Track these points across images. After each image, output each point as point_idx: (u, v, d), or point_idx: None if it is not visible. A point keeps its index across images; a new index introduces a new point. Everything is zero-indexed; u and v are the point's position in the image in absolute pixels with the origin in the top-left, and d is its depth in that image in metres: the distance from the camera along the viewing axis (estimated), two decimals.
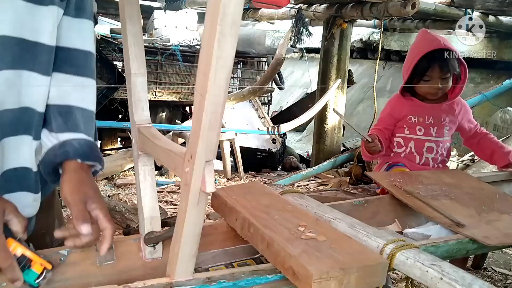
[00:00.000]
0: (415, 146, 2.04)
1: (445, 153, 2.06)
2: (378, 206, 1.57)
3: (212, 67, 0.68)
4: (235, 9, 0.66)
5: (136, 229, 1.14)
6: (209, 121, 0.73)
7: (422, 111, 2.03)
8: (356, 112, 7.88)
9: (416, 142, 2.04)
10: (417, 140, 2.03)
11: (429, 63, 1.95)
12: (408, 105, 2.06)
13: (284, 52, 5.34)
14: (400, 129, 2.08)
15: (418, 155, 2.03)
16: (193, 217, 0.83)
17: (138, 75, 1.03)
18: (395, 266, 1.02)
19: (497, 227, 1.37)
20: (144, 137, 1.01)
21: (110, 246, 1.03)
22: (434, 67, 1.95)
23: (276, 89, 7.09)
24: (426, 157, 2.02)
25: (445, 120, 2.03)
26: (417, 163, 2.03)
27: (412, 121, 2.04)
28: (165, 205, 3.84)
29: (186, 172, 0.80)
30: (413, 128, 2.04)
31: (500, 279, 2.66)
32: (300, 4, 5.06)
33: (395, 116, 2.08)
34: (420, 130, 2.03)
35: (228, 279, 0.90)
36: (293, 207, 1.19)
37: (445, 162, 2.08)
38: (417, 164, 2.03)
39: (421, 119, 2.03)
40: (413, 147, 2.04)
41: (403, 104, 2.07)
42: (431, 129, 2.02)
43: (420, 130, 2.03)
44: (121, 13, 1.00)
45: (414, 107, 2.04)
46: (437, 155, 2.03)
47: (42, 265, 0.88)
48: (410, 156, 2.04)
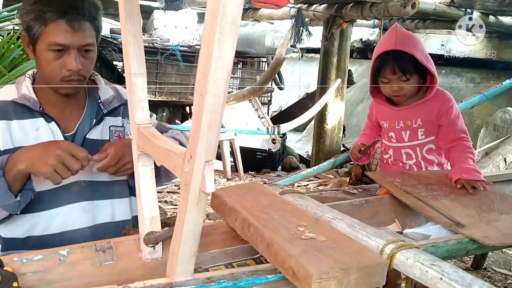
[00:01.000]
0: (394, 154, 1.93)
1: (431, 156, 1.86)
2: (378, 206, 1.57)
3: (212, 67, 0.68)
4: (235, 9, 0.66)
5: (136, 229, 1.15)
6: (209, 121, 0.73)
7: (391, 116, 1.91)
8: (356, 112, 7.88)
9: (394, 150, 1.92)
10: (394, 148, 1.92)
11: (381, 65, 1.83)
12: (380, 110, 1.96)
13: (284, 52, 5.33)
14: (382, 135, 2.00)
15: (401, 163, 1.91)
16: (193, 217, 0.83)
17: (138, 75, 1.03)
18: (395, 266, 1.02)
19: (497, 227, 1.37)
20: (143, 137, 1.01)
21: (110, 246, 1.04)
22: (384, 69, 1.82)
23: (276, 89, 7.09)
24: (409, 164, 1.88)
25: (417, 122, 1.84)
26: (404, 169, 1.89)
27: (384, 127, 1.94)
28: (165, 205, 3.84)
29: (186, 172, 0.80)
30: (387, 135, 1.93)
31: (500, 279, 2.66)
32: (300, 4, 5.06)
33: (373, 119, 2.02)
34: (393, 136, 1.91)
35: (228, 279, 0.90)
36: (293, 207, 1.19)
37: (433, 164, 1.87)
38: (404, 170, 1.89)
39: (391, 124, 1.91)
40: (393, 155, 1.94)
41: (377, 108, 1.99)
42: (402, 134, 1.88)
43: (393, 136, 1.91)
44: (121, 13, 1.00)
45: (383, 112, 1.94)
46: (419, 159, 1.87)
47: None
48: (395, 163, 1.94)
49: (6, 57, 2.53)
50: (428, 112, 1.83)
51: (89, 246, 1.06)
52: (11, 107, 1.23)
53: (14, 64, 2.59)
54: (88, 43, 1.21)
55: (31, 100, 1.23)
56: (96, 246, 1.06)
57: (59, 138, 1.24)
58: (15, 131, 1.21)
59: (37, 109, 1.24)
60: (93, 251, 1.05)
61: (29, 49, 1.24)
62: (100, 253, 1.06)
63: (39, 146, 1.13)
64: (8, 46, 2.53)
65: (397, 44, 1.76)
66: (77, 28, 1.17)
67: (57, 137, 1.24)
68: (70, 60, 1.18)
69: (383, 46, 1.83)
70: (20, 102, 1.23)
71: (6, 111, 1.22)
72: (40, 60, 1.22)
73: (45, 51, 1.19)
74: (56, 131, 1.25)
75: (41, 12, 1.16)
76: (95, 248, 1.06)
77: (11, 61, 2.58)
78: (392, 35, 1.80)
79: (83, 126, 1.29)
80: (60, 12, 1.16)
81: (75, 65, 1.18)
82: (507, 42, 6.05)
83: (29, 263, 1.00)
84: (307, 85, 8.68)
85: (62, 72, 1.20)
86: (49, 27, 1.16)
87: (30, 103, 1.23)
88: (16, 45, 2.60)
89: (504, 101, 5.29)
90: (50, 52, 1.18)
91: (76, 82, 1.22)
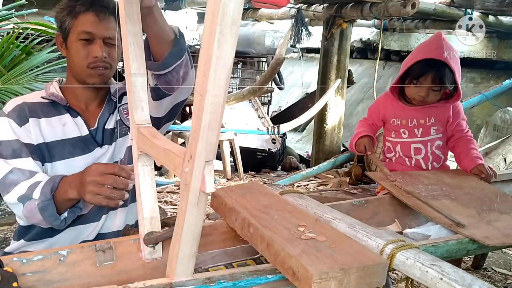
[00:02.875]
0: (402, 150, 1.99)
1: (439, 151, 1.98)
2: (378, 206, 1.57)
3: (212, 67, 0.68)
4: (235, 9, 0.65)
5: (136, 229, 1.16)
6: (208, 121, 0.73)
7: (404, 114, 1.97)
8: (356, 112, 7.88)
9: (402, 145, 1.98)
10: (403, 143, 1.98)
11: (423, 70, 1.88)
12: (393, 108, 2.01)
13: (284, 52, 5.33)
14: (388, 132, 2.04)
15: (407, 158, 1.98)
16: (192, 217, 0.83)
17: (137, 75, 1.03)
18: (395, 266, 1.02)
19: (497, 227, 1.37)
20: (143, 137, 1.01)
21: (110, 246, 1.04)
22: (426, 76, 1.88)
23: (276, 89, 7.08)
24: (416, 158, 1.96)
25: (431, 120, 1.96)
26: (409, 166, 1.97)
27: (395, 124, 1.99)
28: (165, 205, 3.84)
29: (186, 172, 0.80)
30: (398, 131, 1.99)
31: (500, 279, 2.66)
32: (300, 4, 5.05)
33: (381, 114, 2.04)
34: (405, 132, 1.98)
35: (227, 279, 0.90)
36: (293, 207, 1.19)
37: (440, 160, 1.99)
38: (409, 166, 1.97)
39: (404, 121, 1.97)
40: (400, 151, 1.99)
41: (388, 105, 2.02)
42: (415, 130, 1.96)
43: (405, 132, 1.98)
44: (121, 13, 1.00)
45: (396, 109, 1.99)
46: (428, 155, 1.96)
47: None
48: (400, 160, 1.99)
49: (6, 56, 2.53)
50: (441, 113, 1.96)
51: (89, 246, 1.06)
52: (39, 107, 1.34)
53: (13, 63, 2.59)
54: (111, 36, 1.32)
55: (59, 97, 1.35)
56: (96, 246, 1.06)
57: (85, 131, 1.36)
58: (44, 127, 1.32)
59: (63, 104, 1.35)
60: (93, 251, 1.05)
61: (62, 48, 1.38)
62: (100, 253, 1.06)
63: (78, 176, 1.18)
64: (8, 45, 2.53)
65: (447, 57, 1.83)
66: (102, 19, 1.30)
67: (82, 131, 1.36)
68: (96, 48, 1.30)
69: (428, 53, 1.87)
70: (49, 98, 1.35)
71: (35, 111, 1.33)
72: (70, 52, 1.34)
73: (75, 42, 1.31)
74: (82, 125, 1.36)
75: (71, 7, 1.31)
76: (95, 248, 1.06)
77: (10, 60, 2.58)
78: (439, 44, 1.86)
79: (103, 119, 1.40)
80: (88, 4, 1.30)
81: (101, 53, 1.30)
82: (507, 42, 6.04)
83: (29, 263, 1.00)
84: (307, 85, 8.68)
85: (88, 59, 1.31)
86: (79, 19, 1.30)
87: (58, 99, 1.35)
88: (16, 45, 2.60)
89: (504, 101, 5.29)
90: (79, 42, 1.31)
91: (102, 69, 1.33)
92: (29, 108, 1.32)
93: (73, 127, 1.35)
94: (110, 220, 1.38)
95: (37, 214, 1.18)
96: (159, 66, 1.26)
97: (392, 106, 2.01)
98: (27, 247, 1.33)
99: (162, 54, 1.25)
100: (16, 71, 2.53)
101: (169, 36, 1.25)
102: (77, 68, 1.33)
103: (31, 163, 1.26)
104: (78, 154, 1.34)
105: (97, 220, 1.35)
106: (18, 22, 2.88)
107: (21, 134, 1.28)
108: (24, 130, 1.28)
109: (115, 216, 1.38)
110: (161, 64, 1.26)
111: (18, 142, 1.26)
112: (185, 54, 1.29)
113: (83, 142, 1.35)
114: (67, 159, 1.32)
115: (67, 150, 1.33)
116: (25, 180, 1.21)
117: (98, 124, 1.39)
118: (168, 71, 1.27)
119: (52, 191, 1.18)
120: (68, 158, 1.32)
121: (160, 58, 1.26)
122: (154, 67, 1.27)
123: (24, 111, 1.31)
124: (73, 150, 1.33)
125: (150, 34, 1.19)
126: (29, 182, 1.21)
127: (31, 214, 1.20)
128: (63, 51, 1.37)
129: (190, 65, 1.34)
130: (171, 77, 1.29)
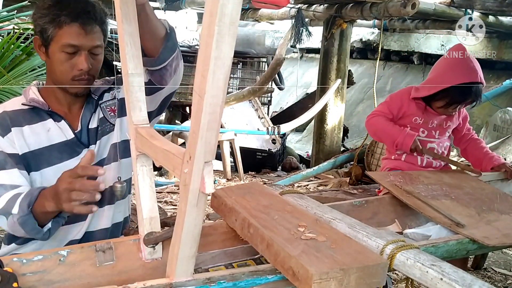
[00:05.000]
0: None
1: (446, 151, 2.10)
2: (378, 206, 1.57)
3: (210, 67, 0.68)
4: (233, 10, 0.65)
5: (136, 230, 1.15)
6: (207, 122, 0.73)
7: (426, 115, 2.04)
8: (356, 112, 7.88)
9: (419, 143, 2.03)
10: (420, 141, 2.01)
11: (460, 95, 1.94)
12: (416, 107, 2.04)
13: (284, 52, 5.32)
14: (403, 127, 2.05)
15: (420, 157, 2.02)
16: (192, 217, 0.83)
17: (135, 75, 1.03)
18: (395, 266, 1.02)
19: (497, 227, 1.37)
20: (142, 137, 1.01)
21: (110, 247, 1.04)
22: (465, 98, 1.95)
23: (276, 89, 7.08)
24: (428, 157, 2.02)
25: (447, 124, 2.07)
26: (419, 165, 2.01)
27: (417, 122, 2.05)
28: (165, 205, 3.84)
29: (185, 173, 0.79)
30: (416, 129, 2.04)
31: (500, 279, 2.66)
32: (300, 4, 5.05)
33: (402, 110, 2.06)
34: (424, 132, 2.05)
35: (227, 280, 0.90)
36: (293, 207, 1.19)
37: None
38: (419, 166, 2.01)
39: (425, 122, 2.05)
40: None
41: (413, 103, 2.05)
42: (433, 132, 2.06)
43: (424, 132, 2.05)
44: (117, 12, 1.00)
45: (420, 111, 2.05)
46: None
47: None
48: (411, 158, 2.02)
49: (6, 57, 2.53)
50: (455, 118, 2.12)
51: (89, 246, 1.06)
52: (20, 115, 1.29)
53: (14, 64, 2.59)
54: (97, 45, 1.28)
55: (40, 102, 1.31)
56: (96, 247, 1.06)
57: (70, 135, 1.32)
58: (28, 135, 1.28)
59: (46, 109, 1.31)
60: (93, 251, 1.05)
61: (40, 51, 1.31)
62: (100, 253, 1.06)
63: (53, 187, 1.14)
64: (8, 46, 2.53)
65: (481, 78, 1.93)
66: (89, 31, 1.25)
67: (67, 134, 1.32)
68: (81, 60, 1.26)
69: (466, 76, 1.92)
70: (30, 105, 1.30)
71: (17, 119, 1.29)
72: (52, 61, 1.28)
73: (58, 52, 1.26)
74: (66, 129, 1.32)
75: (55, 16, 1.23)
76: (95, 249, 1.06)
77: (11, 61, 2.58)
78: (473, 67, 1.93)
79: (86, 119, 1.36)
80: (74, 15, 1.23)
81: (86, 65, 1.26)
82: (507, 42, 6.04)
83: (29, 264, 1.00)
84: (307, 85, 8.67)
85: (73, 71, 1.27)
86: (63, 30, 1.24)
87: (39, 104, 1.30)
88: (16, 45, 2.60)
89: (504, 101, 5.29)
90: (62, 53, 1.25)
91: (85, 81, 1.30)
92: (10, 117, 1.28)
93: (58, 131, 1.31)
94: (97, 218, 1.35)
95: (19, 228, 1.16)
96: (155, 61, 1.27)
97: (416, 105, 2.05)
98: (18, 250, 1.30)
99: (156, 50, 1.25)
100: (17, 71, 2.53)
101: (161, 31, 1.25)
102: (59, 79, 1.29)
103: (17, 174, 1.22)
104: (67, 158, 1.30)
105: (84, 219, 1.33)
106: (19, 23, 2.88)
107: (5, 145, 1.24)
108: (7, 140, 1.25)
109: (102, 214, 1.36)
110: (157, 59, 1.26)
111: (2, 153, 1.23)
112: (177, 47, 1.30)
113: (70, 146, 1.32)
114: (56, 165, 1.29)
115: (54, 156, 1.29)
116: (6, 193, 1.18)
117: (82, 125, 1.35)
118: (163, 66, 1.28)
119: (30, 205, 1.15)
120: (56, 164, 1.29)
121: (153, 54, 1.26)
122: (150, 63, 1.27)
123: (6, 120, 1.27)
124: (61, 155, 1.30)
125: (143, 31, 1.17)
126: (7, 196, 1.18)
127: (14, 229, 1.18)
128: (42, 55, 1.32)
129: (180, 57, 1.34)
130: (165, 71, 1.30)
